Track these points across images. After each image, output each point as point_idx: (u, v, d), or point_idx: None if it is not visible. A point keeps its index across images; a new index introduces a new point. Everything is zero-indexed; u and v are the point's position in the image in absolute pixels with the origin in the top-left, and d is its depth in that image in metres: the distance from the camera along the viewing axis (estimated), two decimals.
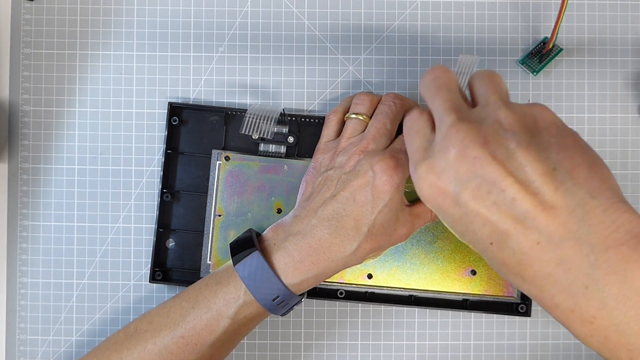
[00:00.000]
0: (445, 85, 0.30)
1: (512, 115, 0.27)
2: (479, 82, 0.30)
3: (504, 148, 0.26)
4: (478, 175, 0.26)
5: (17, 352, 0.42)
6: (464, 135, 0.26)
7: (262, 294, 0.34)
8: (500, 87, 0.30)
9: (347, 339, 0.42)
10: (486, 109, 0.28)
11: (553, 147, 0.26)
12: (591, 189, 0.25)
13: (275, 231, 0.36)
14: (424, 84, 0.31)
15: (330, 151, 0.37)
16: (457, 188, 0.26)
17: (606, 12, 0.42)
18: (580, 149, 0.26)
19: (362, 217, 0.33)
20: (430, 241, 0.40)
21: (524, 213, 0.25)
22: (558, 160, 0.25)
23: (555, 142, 0.26)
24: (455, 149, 0.26)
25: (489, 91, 0.29)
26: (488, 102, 0.29)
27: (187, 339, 0.34)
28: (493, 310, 0.41)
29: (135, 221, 0.42)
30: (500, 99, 0.28)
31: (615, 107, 0.42)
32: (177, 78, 0.42)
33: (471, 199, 0.26)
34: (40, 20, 0.42)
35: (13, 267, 0.42)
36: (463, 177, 0.26)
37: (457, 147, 0.26)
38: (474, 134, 0.26)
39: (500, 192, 0.25)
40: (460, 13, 0.42)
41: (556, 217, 0.24)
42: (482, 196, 0.26)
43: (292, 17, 0.42)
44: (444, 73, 0.31)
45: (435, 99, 0.30)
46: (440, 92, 0.30)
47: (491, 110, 0.28)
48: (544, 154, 0.26)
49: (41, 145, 0.42)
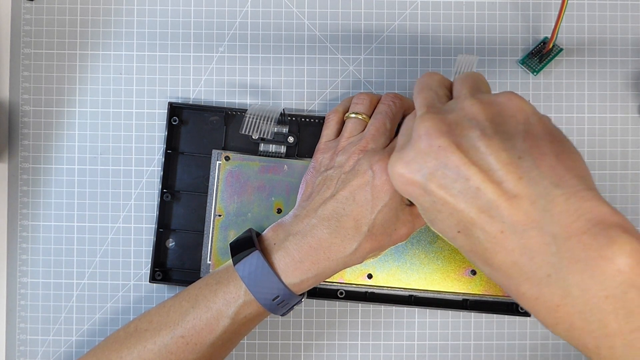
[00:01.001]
0: (426, 86, 0.31)
1: (477, 104, 0.27)
2: (458, 81, 0.31)
3: (468, 137, 0.26)
4: (442, 165, 0.26)
5: (17, 352, 0.42)
6: (429, 125, 0.27)
7: (262, 293, 0.33)
8: (474, 81, 0.30)
9: (347, 339, 0.42)
10: (455, 101, 0.29)
11: (519, 136, 0.26)
12: (556, 178, 0.25)
13: (275, 231, 0.36)
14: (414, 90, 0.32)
15: (330, 151, 0.37)
16: (425, 177, 0.27)
17: (606, 12, 0.42)
18: (548, 136, 0.26)
19: (362, 216, 0.33)
20: (430, 241, 0.40)
21: (488, 202, 0.25)
22: (524, 149, 0.25)
23: (522, 130, 0.26)
24: (421, 140, 0.27)
25: (462, 86, 0.30)
26: (458, 95, 0.29)
27: (187, 339, 0.34)
28: (493, 310, 0.40)
29: (135, 221, 0.42)
30: (469, 91, 0.29)
31: (615, 107, 0.42)
32: (177, 78, 0.42)
33: (437, 188, 0.26)
34: (40, 20, 0.42)
35: (13, 267, 0.42)
36: (429, 167, 0.27)
37: (423, 137, 0.27)
38: (438, 123, 0.27)
39: (464, 181, 0.26)
40: (460, 13, 0.42)
41: (519, 206, 0.25)
42: (448, 185, 0.26)
43: (292, 17, 0.42)
44: (429, 76, 0.32)
45: (416, 100, 0.30)
46: (421, 93, 0.30)
47: (459, 102, 0.28)
48: (509, 143, 0.26)
49: (41, 145, 0.42)
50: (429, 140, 0.27)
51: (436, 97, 0.30)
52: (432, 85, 0.31)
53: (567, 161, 0.25)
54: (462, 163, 0.26)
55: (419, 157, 0.27)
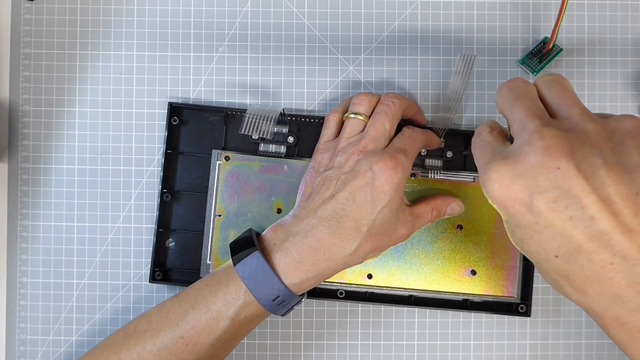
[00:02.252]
0: (525, 94, 0.29)
1: (601, 131, 0.26)
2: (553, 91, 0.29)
3: (590, 163, 0.25)
4: (558, 186, 0.25)
5: (17, 352, 0.42)
6: (549, 143, 0.25)
7: (263, 294, 0.33)
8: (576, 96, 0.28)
9: (347, 339, 0.42)
10: (570, 120, 0.27)
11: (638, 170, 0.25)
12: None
13: (275, 231, 0.36)
14: (501, 94, 0.30)
15: (329, 151, 0.37)
16: (533, 196, 0.25)
17: (606, 12, 0.42)
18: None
19: (362, 217, 0.33)
20: (430, 241, 0.40)
21: (602, 232, 0.25)
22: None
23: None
24: (537, 156, 0.25)
25: (569, 102, 0.28)
26: (570, 114, 0.27)
27: (187, 339, 0.34)
28: (493, 310, 0.41)
29: (135, 221, 0.42)
30: (584, 111, 0.27)
31: (615, 107, 0.42)
32: (177, 78, 0.42)
33: (547, 210, 0.25)
34: (40, 20, 0.42)
35: (13, 267, 0.42)
36: (541, 186, 0.25)
37: (539, 153, 0.25)
38: (560, 143, 0.25)
39: (579, 208, 0.25)
40: (460, 13, 0.42)
41: (633, 240, 0.24)
42: (559, 209, 0.25)
43: (292, 17, 0.42)
44: (523, 83, 0.29)
45: (516, 107, 0.28)
46: (521, 100, 0.28)
47: (577, 122, 0.26)
48: (628, 177, 0.25)
49: (41, 145, 0.42)
50: (548, 159, 0.25)
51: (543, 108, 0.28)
52: (531, 93, 0.29)
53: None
54: (581, 189, 0.25)
55: (531, 173, 0.25)
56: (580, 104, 0.28)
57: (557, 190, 0.25)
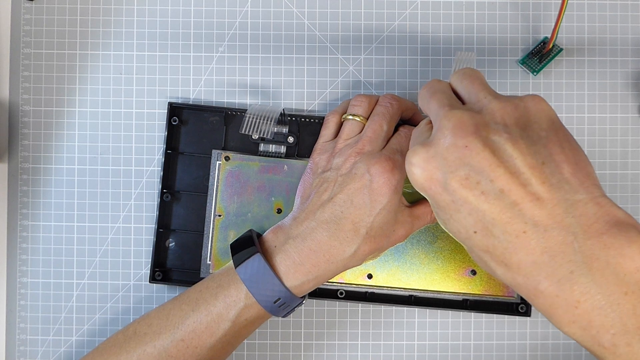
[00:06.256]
0: (439, 90, 0.31)
1: (504, 108, 0.27)
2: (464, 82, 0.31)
3: (495, 139, 0.26)
4: (467, 164, 0.26)
5: (17, 352, 0.42)
6: (456, 123, 0.27)
7: (264, 295, 0.34)
8: (485, 83, 0.30)
9: (347, 339, 0.42)
10: (479, 104, 0.29)
11: (542, 141, 0.27)
12: (575, 185, 0.26)
13: (275, 233, 0.36)
14: (420, 96, 0.32)
15: (327, 152, 0.37)
16: (446, 175, 0.27)
17: (606, 12, 0.42)
18: (568, 144, 0.27)
19: (360, 219, 0.33)
20: (430, 241, 0.40)
21: (513, 203, 0.26)
22: (546, 155, 0.26)
23: (545, 137, 0.27)
24: (447, 137, 0.27)
25: (477, 88, 0.30)
26: (479, 98, 0.29)
27: (187, 342, 0.34)
28: (493, 310, 0.41)
29: (135, 221, 0.42)
30: (490, 92, 0.29)
31: (615, 107, 0.42)
32: (177, 78, 0.42)
33: (460, 188, 0.27)
34: (40, 20, 0.42)
35: (13, 267, 0.42)
36: (452, 165, 0.27)
37: (448, 134, 0.27)
38: (466, 121, 0.27)
39: (489, 182, 0.26)
40: (460, 13, 0.42)
41: (543, 207, 0.25)
42: (471, 185, 0.26)
43: (292, 17, 0.42)
44: (437, 82, 0.32)
45: (431, 102, 0.30)
46: (435, 95, 0.30)
47: (484, 104, 0.28)
48: (533, 148, 0.26)
49: (41, 145, 0.42)
50: (455, 138, 0.27)
51: (454, 98, 0.30)
52: (444, 89, 0.31)
53: (584, 170, 0.27)
54: (488, 164, 0.26)
55: (442, 154, 0.27)
56: (488, 87, 0.29)
57: (467, 168, 0.26)
